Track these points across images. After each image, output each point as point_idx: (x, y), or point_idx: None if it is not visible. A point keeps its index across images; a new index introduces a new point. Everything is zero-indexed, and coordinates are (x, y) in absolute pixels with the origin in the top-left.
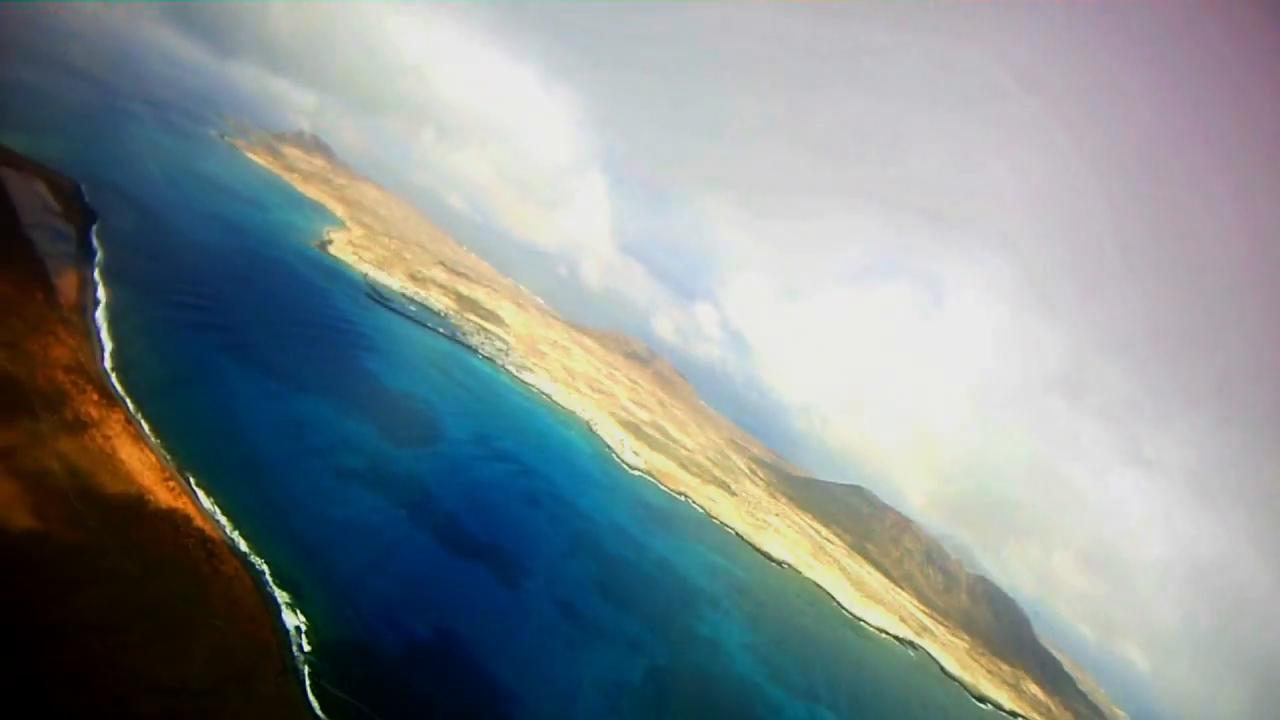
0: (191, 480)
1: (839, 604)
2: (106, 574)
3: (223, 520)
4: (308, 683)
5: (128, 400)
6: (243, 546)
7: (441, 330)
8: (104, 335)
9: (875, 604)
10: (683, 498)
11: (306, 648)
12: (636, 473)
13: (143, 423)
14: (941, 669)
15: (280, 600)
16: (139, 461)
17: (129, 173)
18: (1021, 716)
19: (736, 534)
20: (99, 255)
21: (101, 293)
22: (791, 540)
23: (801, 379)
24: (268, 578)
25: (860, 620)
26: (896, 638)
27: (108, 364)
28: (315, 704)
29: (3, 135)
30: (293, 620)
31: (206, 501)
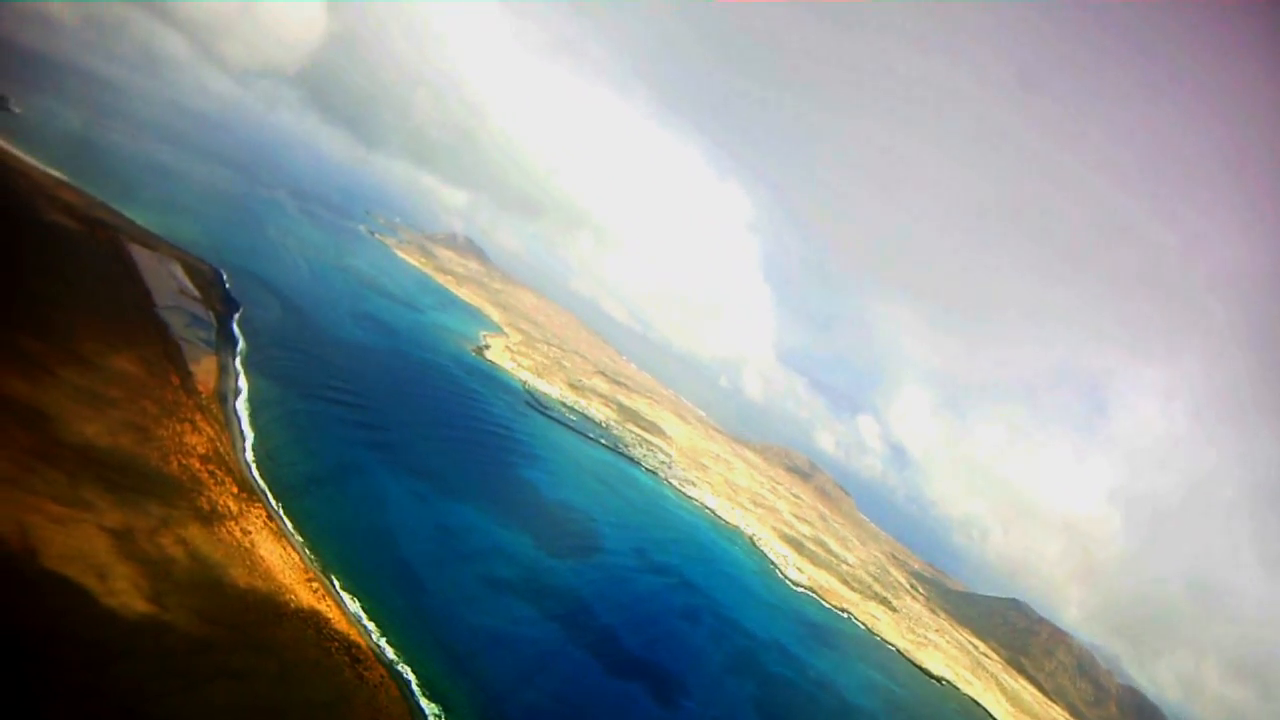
0: (336, 582)
1: None
2: (237, 672)
3: (369, 625)
4: None
5: (269, 494)
6: (389, 654)
7: (603, 441)
8: (245, 426)
9: (1029, 719)
10: (845, 614)
11: None
12: (800, 589)
13: (285, 519)
14: None
15: (428, 712)
16: (280, 559)
17: (273, 263)
18: None
19: (897, 650)
20: (240, 345)
21: (243, 382)
22: (950, 656)
23: (962, 492)
24: (415, 687)
25: None
26: None
27: (249, 456)
28: None
29: (136, 213)
30: None
31: (352, 604)
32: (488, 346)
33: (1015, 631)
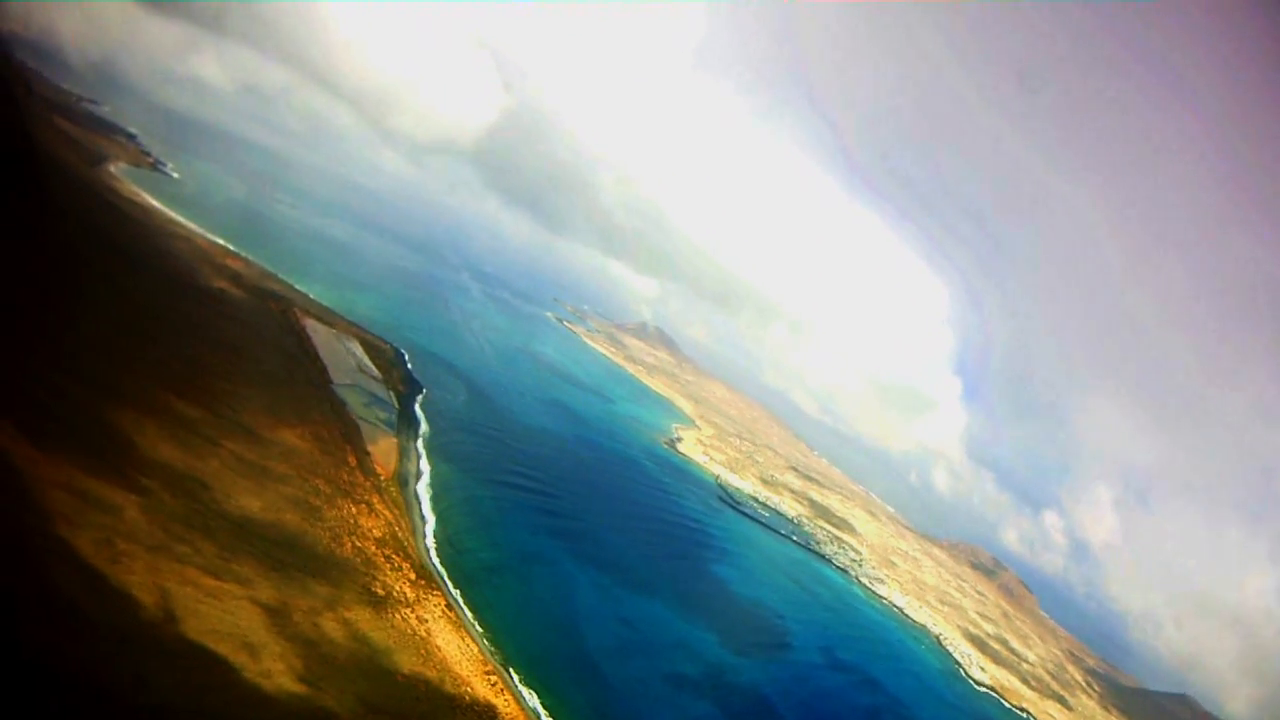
0: (515, 676)
1: None
2: None
3: None
4: None
5: (449, 582)
6: None
7: (794, 538)
8: (426, 511)
9: None
10: (1023, 714)
11: None
12: (982, 689)
13: (465, 608)
14: None
15: None
16: (457, 649)
17: (457, 346)
18: None
19: None
20: (423, 427)
21: (425, 465)
22: None
23: (1142, 587)
24: None
25: None
26: None
27: (429, 542)
28: None
29: (309, 286)
30: None
31: (531, 699)
32: (680, 439)
33: None
